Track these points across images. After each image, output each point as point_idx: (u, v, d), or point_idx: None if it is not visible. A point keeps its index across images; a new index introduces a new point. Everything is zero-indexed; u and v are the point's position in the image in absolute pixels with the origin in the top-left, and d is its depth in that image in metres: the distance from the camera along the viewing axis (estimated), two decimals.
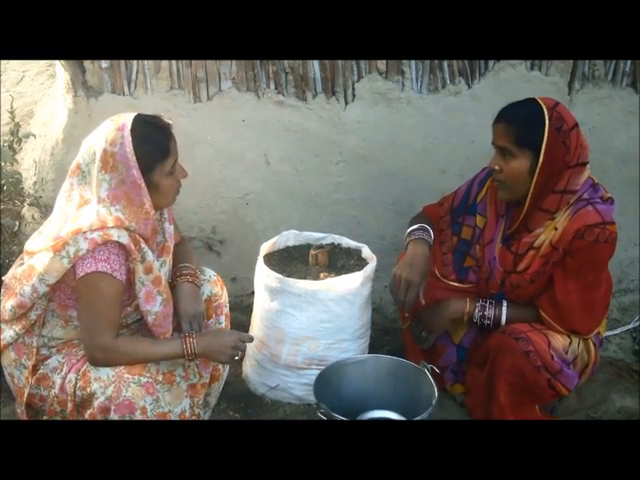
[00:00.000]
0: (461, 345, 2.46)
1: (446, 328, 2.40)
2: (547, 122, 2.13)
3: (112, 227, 1.94)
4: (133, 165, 1.96)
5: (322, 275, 2.48)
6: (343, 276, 2.40)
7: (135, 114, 2.03)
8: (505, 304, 2.32)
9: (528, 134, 2.14)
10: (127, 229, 1.98)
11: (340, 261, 2.57)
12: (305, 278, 2.46)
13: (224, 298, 2.33)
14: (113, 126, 1.99)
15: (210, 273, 2.32)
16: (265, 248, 2.57)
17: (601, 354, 2.47)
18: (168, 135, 2.04)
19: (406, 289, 2.23)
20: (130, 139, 1.96)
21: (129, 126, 1.97)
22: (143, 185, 1.99)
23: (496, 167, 2.21)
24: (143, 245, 2.03)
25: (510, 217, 2.32)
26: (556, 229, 2.21)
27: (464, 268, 2.44)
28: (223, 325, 2.31)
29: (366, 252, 2.58)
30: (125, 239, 1.97)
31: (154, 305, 2.08)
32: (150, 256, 2.05)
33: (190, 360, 2.07)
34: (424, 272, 2.27)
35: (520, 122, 2.16)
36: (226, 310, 2.33)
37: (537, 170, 2.14)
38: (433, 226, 2.42)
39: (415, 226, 2.38)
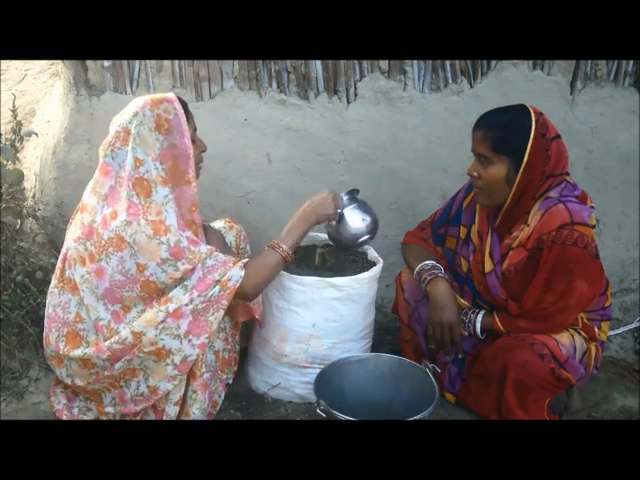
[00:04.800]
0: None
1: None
2: (534, 125, 2.15)
3: None
4: (186, 134, 2.13)
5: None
6: (349, 277, 2.40)
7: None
8: (483, 312, 2.35)
9: (510, 138, 2.16)
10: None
11: (346, 262, 2.57)
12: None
13: (242, 236, 2.58)
14: (157, 99, 2.13)
15: (220, 224, 2.55)
16: None
17: (603, 354, 2.47)
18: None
19: (450, 333, 2.26)
20: (182, 111, 2.13)
21: (177, 100, 2.14)
22: (192, 155, 2.15)
23: (475, 174, 2.25)
24: None
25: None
26: (528, 225, 2.24)
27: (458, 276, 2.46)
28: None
29: (372, 254, 2.58)
30: None
31: None
32: None
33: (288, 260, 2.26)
34: (458, 309, 2.30)
35: (500, 127, 2.18)
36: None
37: (520, 171, 2.16)
38: (431, 253, 2.44)
39: (420, 265, 2.37)
